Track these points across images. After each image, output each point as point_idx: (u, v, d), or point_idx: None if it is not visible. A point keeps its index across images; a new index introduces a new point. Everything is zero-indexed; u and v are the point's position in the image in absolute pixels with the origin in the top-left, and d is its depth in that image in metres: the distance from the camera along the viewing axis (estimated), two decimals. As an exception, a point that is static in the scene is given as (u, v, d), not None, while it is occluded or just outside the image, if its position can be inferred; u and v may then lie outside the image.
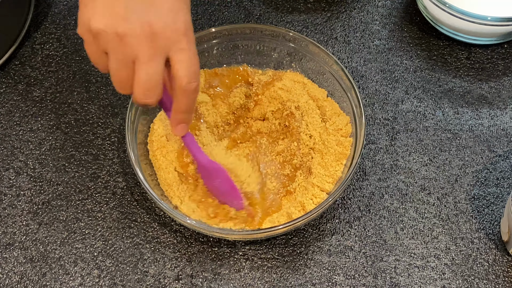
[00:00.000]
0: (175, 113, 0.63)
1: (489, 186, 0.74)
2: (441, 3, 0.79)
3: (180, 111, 0.63)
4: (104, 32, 0.57)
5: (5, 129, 0.79)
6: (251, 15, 0.88)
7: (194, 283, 0.69)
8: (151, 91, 0.60)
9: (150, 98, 0.60)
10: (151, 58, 0.58)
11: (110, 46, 0.58)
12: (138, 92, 0.60)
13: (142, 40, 0.57)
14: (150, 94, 0.60)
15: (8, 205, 0.74)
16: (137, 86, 0.59)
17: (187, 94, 0.61)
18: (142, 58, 0.58)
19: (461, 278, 0.69)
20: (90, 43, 0.59)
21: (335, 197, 0.67)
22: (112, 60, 0.59)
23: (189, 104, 0.62)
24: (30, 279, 0.70)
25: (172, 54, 0.59)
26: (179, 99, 0.61)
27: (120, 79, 0.60)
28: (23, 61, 0.84)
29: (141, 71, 0.58)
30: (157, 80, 0.59)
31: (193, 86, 0.61)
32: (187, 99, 0.61)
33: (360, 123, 0.71)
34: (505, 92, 0.81)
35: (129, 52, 0.58)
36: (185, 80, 0.60)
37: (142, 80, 0.59)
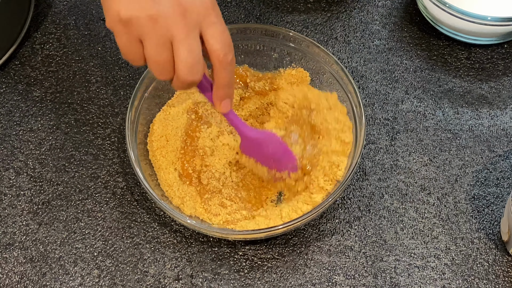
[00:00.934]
0: (217, 89, 0.63)
1: (489, 186, 0.74)
2: (441, 3, 0.79)
3: (222, 86, 0.63)
4: (136, 18, 0.57)
5: (5, 129, 0.79)
6: (251, 15, 0.88)
7: (194, 283, 0.69)
8: (195, 67, 0.59)
9: (195, 75, 0.60)
10: (188, 34, 0.58)
11: (145, 31, 0.58)
12: (183, 71, 0.59)
13: (175, 18, 0.57)
14: (195, 70, 0.59)
15: (8, 205, 0.74)
16: (180, 64, 0.59)
17: (225, 66, 0.61)
18: (179, 36, 0.58)
19: (461, 278, 0.69)
20: (122, 33, 0.58)
21: (335, 197, 0.67)
22: (149, 45, 0.58)
23: (229, 77, 0.62)
24: (30, 279, 0.70)
25: (204, 29, 0.59)
26: (219, 73, 0.62)
27: (160, 64, 0.59)
28: (23, 61, 0.84)
29: (182, 49, 0.58)
30: (198, 54, 0.59)
31: (230, 58, 0.61)
32: (226, 72, 0.62)
33: (360, 123, 0.71)
34: (505, 92, 0.81)
35: (165, 32, 0.57)
36: (222, 53, 0.60)
37: (185, 57, 0.58)
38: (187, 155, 0.73)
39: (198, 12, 0.58)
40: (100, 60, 0.84)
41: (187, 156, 0.73)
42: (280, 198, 0.72)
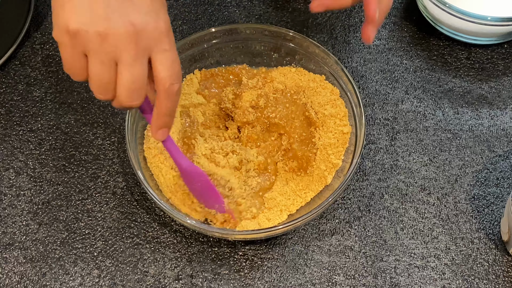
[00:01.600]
0: (157, 117, 0.61)
1: (489, 186, 0.74)
2: (441, 3, 0.79)
3: (162, 114, 0.60)
4: (84, 31, 0.55)
5: (5, 129, 0.79)
6: (251, 15, 0.88)
7: (194, 283, 0.69)
8: (136, 93, 0.57)
9: (135, 101, 0.58)
10: (136, 59, 0.56)
11: (92, 47, 0.55)
12: (122, 95, 0.57)
13: (125, 39, 0.55)
14: (135, 96, 0.57)
15: (8, 205, 0.74)
16: (121, 88, 0.57)
17: (170, 96, 0.59)
18: (126, 59, 0.56)
19: (461, 278, 0.69)
20: (67, 46, 0.56)
21: (335, 197, 0.67)
22: (94, 62, 0.56)
23: (172, 106, 0.60)
24: (30, 279, 0.70)
25: (154, 55, 0.57)
26: (162, 101, 0.59)
27: (101, 83, 0.57)
28: (23, 61, 0.84)
29: (126, 73, 0.56)
30: (142, 81, 0.57)
31: (176, 88, 0.59)
32: (169, 102, 0.59)
33: (360, 123, 0.71)
34: (505, 92, 0.81)
35: (112, 52, 0.55)
36: (168, 82, 0.58)
37: (127, 82, 0.56)
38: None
39: (150, 37, 0.56)
40: (100, 60, 0.84)
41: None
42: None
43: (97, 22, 0.54)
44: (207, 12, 0.88)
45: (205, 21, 0.88)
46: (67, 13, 0.55)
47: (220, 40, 0.78)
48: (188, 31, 0.86)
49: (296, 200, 0.71)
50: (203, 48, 0.78)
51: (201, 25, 0.87)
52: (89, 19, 0.54)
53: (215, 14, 0.88)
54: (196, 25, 0.87)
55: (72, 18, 0.55)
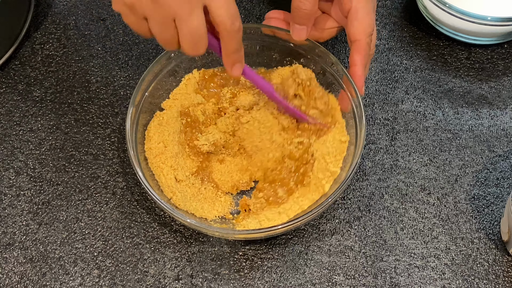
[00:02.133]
0: (227, 56, 0.65)
1: (489, 186, 0.74)
2: (441, 3, 0.79)
3: (231, 52, 0.65)
4: (138, 2, 0.60)
5: (5, 129, 0.79)
6: (251, 15, 0.88)
7: (194, 283, 0.69)
8: (198, 44, 0.62)
9: (198, 50, 0.63)
10: (190, 13, 0.60)
11: (148, 12, 0.61)
12: (186, 47, 0.62)
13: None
14: (197, 46, 0.62)
15: (8, 205, 0.74)
16: (183, 42, 0.62)
17: (232, 35, 0.63)
18: (181, 15, 0.60)
19: (461, 278, 0.69)
20: (128, 15, 0.62)
21: (335, 197, 0.67)
22: (153, 25, 0.62)
23: (237, 44, 0.64)
24: (30, 279, 0.70)
25: (208, 2, 0.61)
26: (227, 42, 0.64)
27: (165, 39, 0.63)
28: (23, 61, 0.84)
29: (184, 28, 0.61)
30: (201, 32, 0.62)
31: (237, 26, 0.63)
32: (234, 40, 0.64)
33: (360, 123, 0.71)
34: (505, 92, 0.81)
35: (167, 13, 0.60)
36: (228, 23, 0.62)
37: (187, 35, 0.61)
38: (186, 161, 0.73)
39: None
40: (100, 60, 0.84)
41: (187, 162, 0.73)
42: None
43: None
44: (207, 12, 0.88)
45: (205, 21, 0.88)
46: None
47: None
48: (188, 31, 0.86)
49: (293, 206, 0.70)
50: (203, 48, 0.78)
51: (201, 25, 0.87)
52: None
53: (215, 14, 0.88)
54: (196, 25, 0.87)
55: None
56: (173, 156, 0.73)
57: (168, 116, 0.75)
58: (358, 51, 0.70)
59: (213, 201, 0.72)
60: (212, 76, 0.78)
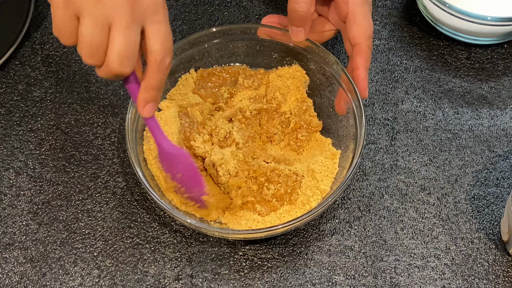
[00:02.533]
0: (145, 90, 0.60)
1: (489, 186, 0.74)
2: (441, 3, 0.79)
3: (151, 88, 0.60)
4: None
5: (5, 129, 0.79)
6: (251, 15, 0.88)
7: (194, 283, 0.69)
8: (128, 60, 0.56)
9: (126, 67, 0.57)
10: (130, 24, 0.55)
11: (86, 7, 0.54)
12: (113, 61, 0.56)
13: (122, 3, 0.54)
14: (127, 63, 0.56)
15: (8, 205, 0.74)
16: (113, 53, 0.56)
17: (160, 69, 0.59)
18: (120, 23, 0.55)
19: (461, 278, 0.69)
20: (60, 5, 0.55)
21: (335, 197, 0.67)
22: (86, 23, 0.55)
23: (161, 80, 0.60)
24: (30, 279, 0.70)
25: (148, 26, 0.57)
26: (151, 74, 0.59)
27: (92, 45, 0.56)
28: (23, 61, 0.84)
29: (119, 37, 0.55)
30: (135, 47, 0.56)
31: (167, 62, 0.59)
32: (159, 75, 0.59)
33: (360, 123, 0.71)
34: (505, 92, 0.81)
35: (107, 14, 0.54)
36: (160, 55, 0.58)
37: (120, 47, 0.55)
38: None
39: (147, 6, 0.56)
40: (100, 60, 0.84)
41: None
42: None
43: None
44: (207, 12, 0.88)
45: (205, 21, 0.88)
46: None
47: (220, 40, 0.78)
48: (188, 31, 0.86)
49: (275, 220, 0.70)
50: (203, 48, 0.78)
51: (201, 25, 0.87)
52: None
53: (215, 14, 0.88)
54: (196, 25, 0.87)
55: None
56: None
57: (166, 116, 0.75)
58: (359, 54, 0.70)
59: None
60: (210, 75, 0.78)
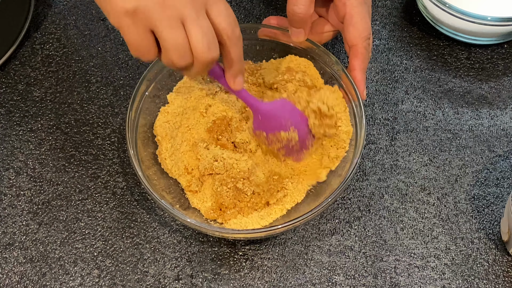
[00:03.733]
0: (229, 66, 0.65)
1: (489, 186, 0.74)
2: (441, 3, 0.79)
3: (234, 62, 0.64)
4: (143, 6, 0.57)
5: (5, 129, 0.79)
6: (251, 15, 0.88)
7: (194, 283, 0.69)
8: (212, 44, 0.60)
9: (214, 52, 0.60)
10: (198, 12, 0.59)
11: (155, 17, 0.57)
12: (201, 50, 0.59)
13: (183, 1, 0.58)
14: (212, 47, 0.60)
15: (8, 205, 0.74)
16: (197, 44, 0.59)
17: (234, 42, 0.62)
18: (190, 15, 0.58)
19: (461, 278, 0.69)
20: (130, 27, 0.58)
21: (335, 197, 0.67)
22: (163, 30, 0.58)
23: (239, 51, 0.64)
24: (30, 279, 0.70)
25: (209, 9, 0.60)
26: (229, 49, 0.63)
27: (178, 47, 0.59)
28: (23, 61, 0.84)
29: (195, 28, 0.59)
30: (212, 32, 0.60)
31: (237, 33, 0.62)
32: (236, 47, 0.63)
33: (361, 123, 0.71)
34: (505, 92, 0.81)
35: (175, 13, 0.58)
36: (229, 29, 0.61)
37: (201, 36, 0.59)
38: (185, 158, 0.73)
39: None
40: (100, 60, 0.84)
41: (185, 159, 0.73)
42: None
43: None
44: (207, 12, 0.88)
45: (205, 21, 0.87)
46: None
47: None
48: (188, 31, 0.86)
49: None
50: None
51: (201, 25, 0.87)
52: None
53: (215, 14, 0.88)
54: (196, 25, 0.87)
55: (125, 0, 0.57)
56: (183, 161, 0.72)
57: (171, 109, 0.75)
58: (356, 56, 0.70)
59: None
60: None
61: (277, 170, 0.72)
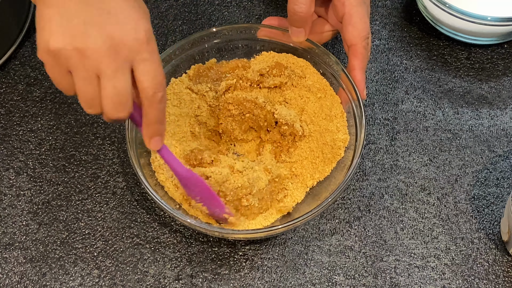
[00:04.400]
0: (147, 126, 0.62)
1: (489, 186, 0.74)
2: (441, 3, 0.79)
3: (151, 123, 0.61)
4: (64, 50, 0.56)
5: (5, 129, 0.79)
6: (251, 15, 0.88)
7: (194, 283, 0.69)
8: (121, 105, 0.58)
9: (121, 112, 0.59)
10: (117, 71, 0.57)
11: (72, 64, 0.57)
12: (108, 108, 0.58)
13: (104, 52, 0.56)
14: (121, 108, 0.58)
15: (8, 205, 0.74)
16: (106, 101, 0.58)
17: (154, 105, 0.60)
18: (107, 72, 0.57)
19: (461, 278, 0.69)
20: (52, 65, 0.58)
21: (335, 197, 0.67)
22: (77, 79, 0.57)
23: (159, 114, 0.61)
24: (30, 279, 0.70)
25: (135, 66, 0.58)
26: (148, 111, 0.60)
27: (87, 98, 0.58)
28: (23, 61, 0.84)
29: (108, 86, 0.57)
30: (126, 92, 0.58)
31: (159, 96, 0.59)
32: (155, 110, 0.60)
33: (361, 123, 0.71)
34: (505, 92, 0.81)
35: (92, 66, 0.56)
36: (151, 91, 0.59)
37: (110, 94, 0.57)
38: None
39: (129, 47, 0.57)
40: (100, 60, 0.84)
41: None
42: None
43: (76, 39, 0.56)
44: (207, 12, 0.88)
45: (205, 21, 0.88)
46: (47, 34, 0.56)
47: (220, 40, 0.78)
48: (188, 31, 0.86)
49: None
50: (203, 48, 0.78)
51: (201, 25, 0.87)
52: (68, 38, 0.56)
53: (215, 14, 0.88)
54: (196, 25, 0.87)
55: (51, 38, 0.56)
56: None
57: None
58: (355, 56, 0.70)
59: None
60: (207, 69, 0.77)
61: (277, 171, 0.72)
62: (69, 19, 0.56)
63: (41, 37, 0.57)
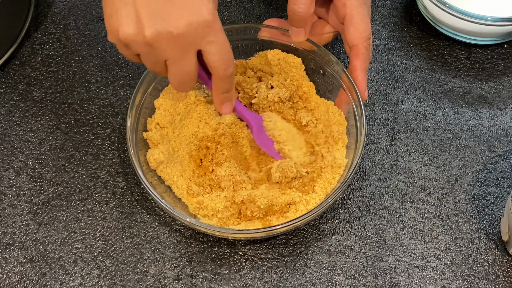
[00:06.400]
0: (217, 95, 0.68)
1: (489, 186, 0.74)
2: (441, 3, 0.79)
3: (221, 92, 0.67)
4: (133, 41, 0.60)
5: (5, 129, 0.79)
6: (251, 15, 0.88)
7: (194, 283, 0.69)
8: (185, 85, 0.65)
9: (184, 90, 0.66)
10: (181, 57, 0.62)
11: (141, 52, 0.62)
12: (173, 84, 0.65)
13: (169, 43, 0.60)
14: (184, 86, 0.65)
15: (8, 205, 0.74)
16: (172, 80, 0.64)
17: (225, 79, 0.65)
18: (173, 58, 0.62)
19: (461, 278, 0.69)
20: (123, 49, 0.63)
21: (335, 197, 0.67)
22: (146, 62, 0.64)
23: (228, 86, 0.67)
24: (30, 279, 0.70)
25: (203, 48, 0.62)
26: (219, 84, 0.66)
27: (155, 73, 0.66)
28: (23, 61, 0.84)
29: (174, 70, 0.63)
30: (189, 75, 0.63)
31: (229, 72, 0.65)
32: (225, 83, 0.66)
33: (361, 123, 0.71)
34: (505, 92, 0.81)
35: (159, 55, 0.62)
36: (221, 69, 0.64)
37: (176, 76, 0.64)
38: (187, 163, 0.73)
39: (193, 35, 0.60)
40: (100, 60, 0.84)
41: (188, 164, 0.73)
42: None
43: (143, 32, 0.60)
44: (207, 12, 0.88)
45: (205, 21, 0.87)
46: (115, 23, 0.60)
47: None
48: (188, 31, 0.86)
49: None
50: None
51: (201, 25, 0.87)
52: (136, 30, 0.60)
53: (215, 14, 0.88)
54: (196, 25, 0.87)
55: (120, 29, 0.60)
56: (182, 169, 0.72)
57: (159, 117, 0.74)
58: (357, 56, 0.71)
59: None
60: None
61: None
62: (136, 10, 0.59)
63: (109, 24, 0.61)
